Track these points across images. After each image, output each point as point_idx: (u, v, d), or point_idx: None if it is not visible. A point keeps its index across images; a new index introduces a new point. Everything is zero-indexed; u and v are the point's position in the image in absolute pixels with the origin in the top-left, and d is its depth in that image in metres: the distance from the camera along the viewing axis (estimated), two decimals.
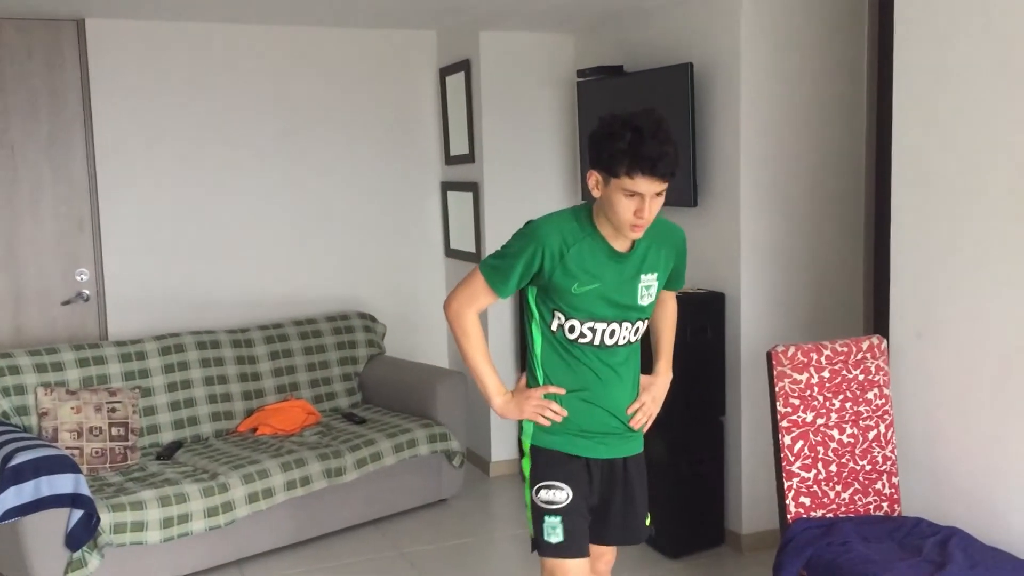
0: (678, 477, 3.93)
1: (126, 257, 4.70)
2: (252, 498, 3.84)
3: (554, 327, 2.43)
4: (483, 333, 2.51)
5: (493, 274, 2.43)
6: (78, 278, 4.63)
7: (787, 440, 2.92)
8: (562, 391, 2.45)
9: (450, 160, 5.28)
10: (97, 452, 3.97)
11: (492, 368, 2.51)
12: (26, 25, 4.44)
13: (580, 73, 4.70)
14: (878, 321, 3.95)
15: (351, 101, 5.14)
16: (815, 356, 2.96)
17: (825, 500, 2.97)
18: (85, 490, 3.43)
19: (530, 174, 5.05)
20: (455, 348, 3.46)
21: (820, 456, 2.96)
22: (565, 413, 2.44)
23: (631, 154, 2.19)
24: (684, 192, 4.03)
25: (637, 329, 2.48)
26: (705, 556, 3.99)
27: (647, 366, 2.66)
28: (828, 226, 4.03)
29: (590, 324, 2.40)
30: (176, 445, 4.24)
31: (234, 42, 4.85)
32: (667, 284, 2.59)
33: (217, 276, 4.90)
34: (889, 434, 3.05)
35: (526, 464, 2.54)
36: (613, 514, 2.56)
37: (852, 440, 3.00)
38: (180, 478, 3.80)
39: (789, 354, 2.93)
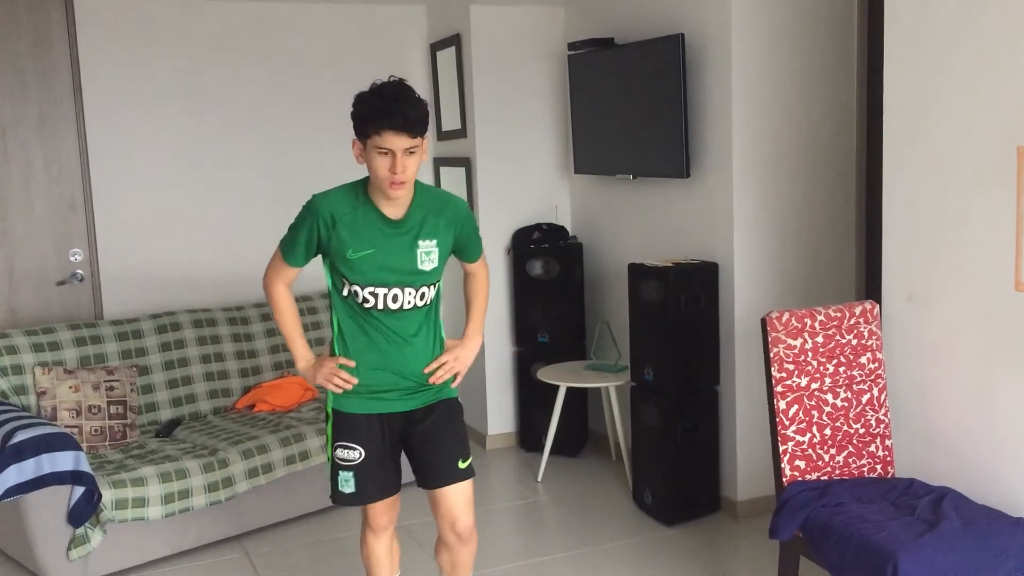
0: (673, 446, 3.97)
1: (120, 236, 4.70)
2: (252, 473, 3.87)
3: (345, 292, 2.64)
4: (292, 303, 2.77)
5: (284, 247, 2.69)
6: (72, 258, 4.63)
7: (782, 405, 2.96)
8: (351, 363, 2.66)
9: (442, 135, 5.28)
10: (96, 430, 3.99)
11: (300, 335, 2.76)
12: (14, 5, 4.42)
13: (571, 46, 4.70)
14: (870, 286, 3.99)
15: (342, 77, 5.12)
16: (809, 322, 2.99)
17: (820, 463, 3.01)
18: (86, 467, 3.45)
19: (523, 148, 5.05)
20: (450, 320, 3.49)
21: (815, 420, 3.00)
22: (355, 382, 2.65)
23: (375, 113, 2.43)
24: (676, 163, 4.05)
25: (423, 294, 2.66)
26: (701, 523, 4.04)
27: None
28: (820, 193, 4.06)
29: (371, 288, 2.60)
30: (174, 423, 4.26)
31: (224, 19, 4.83)
32: (464, 256, 2.81)
33: (211, 253, 4.91)
34: (882, 397, 3.09)
35: (328, 425, 2.75)
36: (420, 460, 2.76)
37: (846, 404, 3.04)
38: (180, 454, 3.83)
39: (783, 320, 2.96)
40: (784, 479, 2.96)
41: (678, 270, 3.96)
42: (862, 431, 3.06)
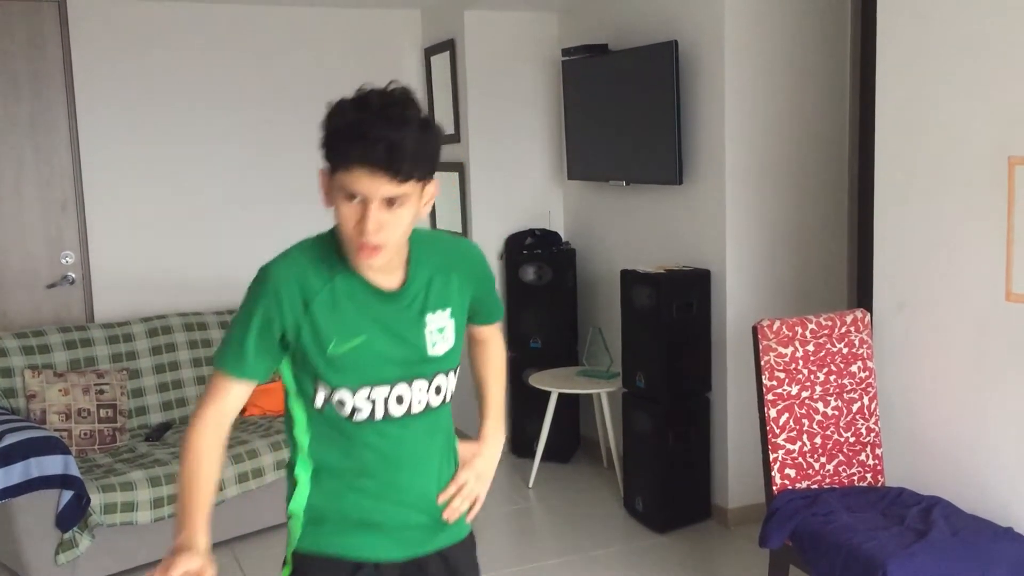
0: (665, 453, 3.97)
1: (111, 239, 4.69)
2: (242, 478, 3.86)
3: (319, 402, 1.71)
4: (218, 464, 1.72)
5: (226, 357, 1.68)
6: (63, 261, 4.61)
7: (772, 413, 2.96)
8: None
9: None
10: (86, 434, 3.97)
11: (206, 510, 1.71)
12: (6, 6, 4.41)
13: (565, 52, 4.71)
14: (862, 295, 3.99)
15: (336, 81, 5.08)
16: (800, 330, 3.00)
17: (810, 472, 3.01)
18: (75, 471, 3.43)
19: (516, 154, 5.06)
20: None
21: (805, 428, 3.00)
22: None
23: (348, 134, 1.55)
24: (669, 170, 4.05)
25: (439, 388, 1.78)
26: (692, 530, 4.04)
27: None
28: (812, 202, 4.06)
29: (365, 392, 1.69)
30: (165, 426, 4.24)
31: (217, 22, 4.83)
32: (478, 319, 1.95)
33: (203, 257, 4.90)
34: (872, 406, 3.09)
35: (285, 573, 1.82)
36: None
37: (836, 412, 3.04)
38: (170, 459, 3.81)
39: (774, 328, 2.97)
40: (774, 487, 2.96)
41: (670, 277, 3.96)
42: (852, 440, 3.06)
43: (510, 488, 4.66)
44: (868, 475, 3.08)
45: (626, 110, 4.33)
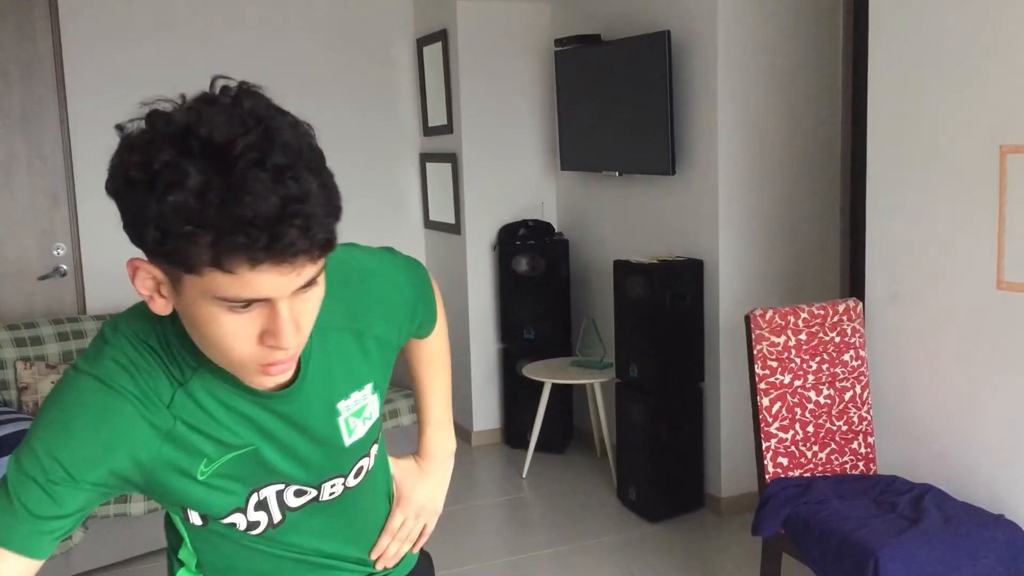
0: (658, 442, 3.98)
1: (103, 231, 4.67)
2: None
3: (197, 521, 1.25)
4: None
5: (16, 533, 1.07)
6: (55, 253, 4.60)
7: (765, 402, 2.97)
8: None
9: (428, 131, 5.27)
10: None
11: None
12: None
13: (557, 42, 4.70)
14: (854, 284, 4.01)
15: (328, 72, 5.11)
16: (792, 319, 3.00)
17: (802, 460, 3.02)
18: None
19: (509, 144, 5.05)
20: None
21: (797, 417, 3.01)
22: None
23: (217, 217, 0.93)
24: (662, 160, 4.05)
25: (360, 469, 1.34)
26: (685, 519, 4.05)
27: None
28: (805, 191, 4.07)
29: (258, 499, 1.23)
30: None
31: (209, 10, 4.81)
32: (421, 332, 1.48)
33: None
34: (865, 395, 3.10)
35: None
36: None
37: (829, 401, 3.05)
38: None
39: (767, 317, 2.97)
40: (767, 476, 2.98)
41: (663, 267, 3.96)
42: (845, 428, 3.08)
43: (504, 478, 4.67)
44: (860, 463, 3.10)
45: (619, 100, 4.33)
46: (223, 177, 0.92)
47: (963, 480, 2.85)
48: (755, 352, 2.97)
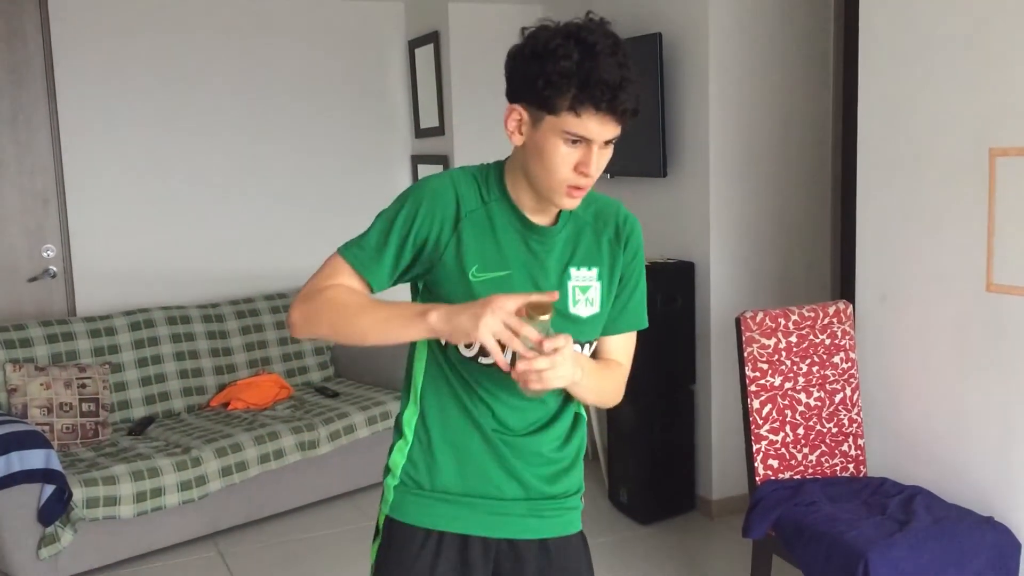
0: (649, 445, 3.98)
1: (93, 232, 4.65)
2: (225, 472, 3.85)
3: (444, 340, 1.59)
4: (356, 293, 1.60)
5: (357, 249, 1.61)
6: (45, 254, 4.57)
7: (755, 404, 2.97)
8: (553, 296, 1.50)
9: (420, 133, 5.26)
10: (68, 428, 3.94)
11: (393, 303, 1.57)
12: None
13: None
14: (845, 286, 4.01)
15: (320, 74, 5.10)
16: (783, 321, 3.01)
17: (793, 462, 3.02)
18: (57, 465, 3.41)
19: (500, 146, 4.98)
20: None
21: (788, 419, 3.01)
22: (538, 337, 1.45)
23: (582, 78, 1.47)
24: (653, 163, 4.06)
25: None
26: (676, 522, 4.05)
27: None
28: (796, 194, 4.08)
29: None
30: (148, 420, 4.22)
31: (201, 13, 4.80)
32: (617, 319, 1.72)
33: (186, 250, 4.87)
34: (855, 397, 3.11)
35: (373, 547, 1.80)
36: None
37: (819, 403, 3.05)
38: (152, 452, 3.80)
39: (757, 319, 2.97)
40: (757, 478, 2.98)
41: (655, 270, 3.96)
42: (835, 430, 3.08)
43: None
44: (850, 465, 3.10)
45: None
46: (591, 58, 1.48)
47: (953, 482, 2.86)
48: (746, 354, 2.97)
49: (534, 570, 1.70)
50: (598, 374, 1.68)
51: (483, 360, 1.61)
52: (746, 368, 2.97)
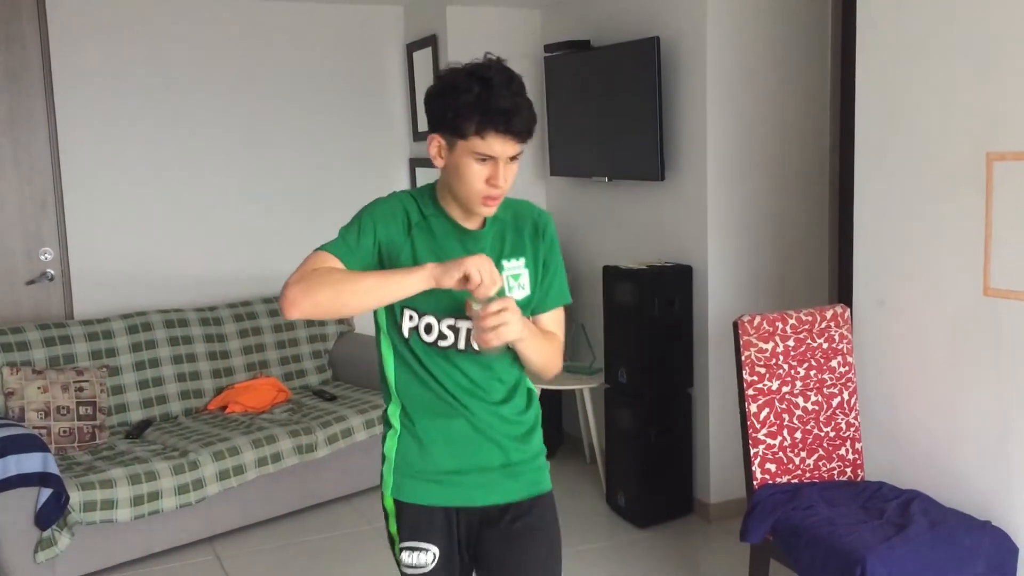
0: (647, 448, 3.98)
1: (91, 236, 4.65)
2: (223, 475, 3.84)
3: (406, 330, 1.94)
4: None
5: (340, 244, 1.91)
6: (42, 257, 4.57)
7: (753, 408, 2.97)
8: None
9: (418, 136, 5.26)
10: (65, 431, 3.94)
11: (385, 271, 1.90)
12: None
13: (547, 48, 4.71)
14: (842, 291, 4.01)
15: (318, 77, 5.10)
16: (780, 325, 3.01)
17: (790, 466, 3.02)
18: (54, 468, 3.41)
19: None
20: None
21: (785, 423, 3.01)
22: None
23: (481, 108, 1.80)
24: (651, 166, 4.06)
25: None
26: (674, 525, 4.05)
27: None
28: (794, 198, 4.08)
29: (449, 321, 1.92)
30: (145, 424, 4.22)
31: (198, 17, 4.80)
32: (544, 298, 2.04)
33: (184, 254, 4.87)
34: (852, 401, 3.11)
35: (390, 523, 2.07)
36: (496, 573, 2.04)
37: (816, 407, 3.05)
38: (150, 456, 3.79)
39: (755, 323, 2.98)
40: (755, 482, 2.98)
41: (652, 273, 3.97)
42: (832, 434, 3.08)
43: None
44: (848, 469, 3.10)
45: (608, 106, 4.33)
46: (488, 91, 1.80)
47: (950, 486, 2.86)
48: (743, 358, 2.97)
49: (519, 527, 2.02)
50: (539, 337, 2.00)
51: (442, 344, 1.94)
52: (744, 372, 2.97)
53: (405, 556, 2.01)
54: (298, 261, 1.87)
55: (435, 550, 2.00)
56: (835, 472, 3.08)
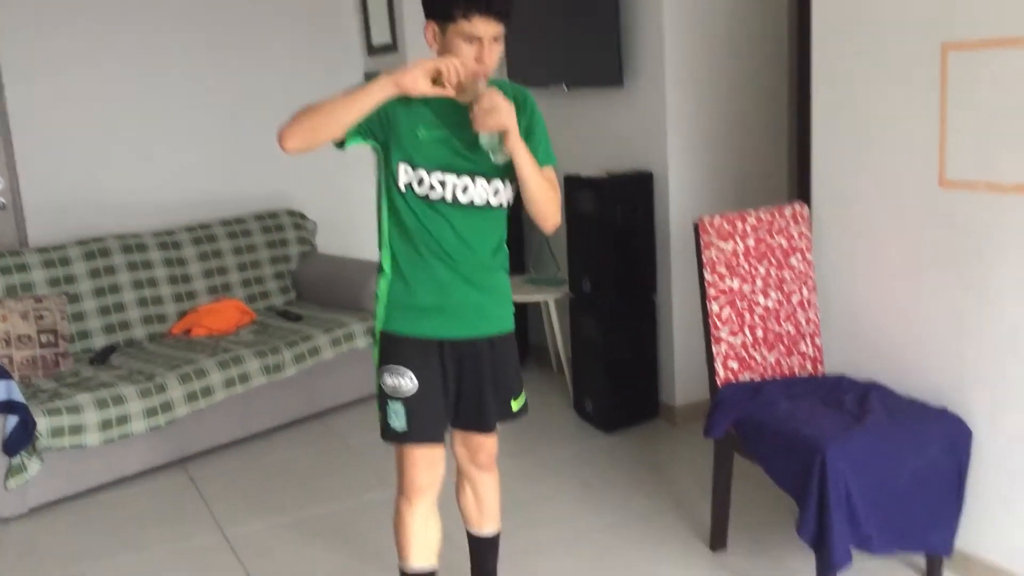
0: (612, 354, 4.02)
1: (42, 161, 4.54)
2: (191, 397, 3.84)
3: (402, 185, 2.27)
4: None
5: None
6: None
7: (715, 307, 3.00)
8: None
9: (372, 51, 5.15)
10: (27, 360, 3.90)
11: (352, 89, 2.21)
12: None
13: None
14: (802, 189, 4.04)
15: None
16: (740, 224, 3.02)
17: (752, 364, 3.07)
18: (18, 395, 3.39)
19: None
20: None
21: (747, 322, 3.05)
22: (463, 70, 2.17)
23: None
24: (611, 72, 4.01)
25: (496, 191, 2.33)
26: (640, 429, 4.12)
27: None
28: (752, 99, 4.06)
29: (439, 176, 2.26)
30: (110, 349, 4.19)
31: None
32: (535, 157, 2.35)
33: (139, 177, 4.77)
34: (812, 297, 3.15)
35: (375, 350, 2.42)
36: (471, 398, 2.45)
37: (777, 305, 3.09)
38: (116, 381, 3.78)
39: (715, 223, 2.99)
40: (718, 380, 3.03)
41: (613, 181, 3.96)
42: (792, 331, 3.13)
43: None
44: (808, 365, 3.16)
45: (566, 11, 4.25)
46: None
47: (907, 376, 2.92)
48: (704, 259, 2.99)
49: (486, 360, 2.42)
50: (536, 167, 2.32)
51: (432, 196, 2.27)
52: (705, 272, 2.99)
53: (386, 378, 2.35)
54: (252, 181, 1.92)
55: (411, 375, 2.33)
56: (796, 368, 3.14)
